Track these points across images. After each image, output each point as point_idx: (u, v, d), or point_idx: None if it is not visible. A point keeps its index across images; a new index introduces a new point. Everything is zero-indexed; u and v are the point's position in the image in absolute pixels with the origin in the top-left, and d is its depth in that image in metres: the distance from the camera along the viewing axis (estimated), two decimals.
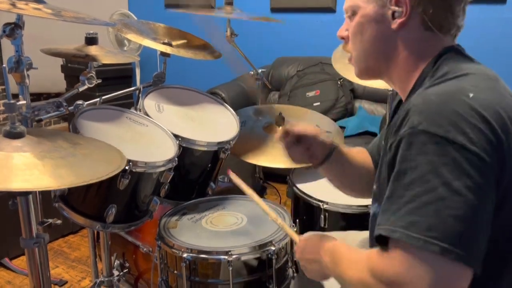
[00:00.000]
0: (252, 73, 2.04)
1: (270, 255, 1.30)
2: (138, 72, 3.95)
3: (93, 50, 1.61)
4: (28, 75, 1.27)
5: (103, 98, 1.62)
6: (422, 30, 0.88)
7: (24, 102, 1.24)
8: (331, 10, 3.44)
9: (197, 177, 1.63)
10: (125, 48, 3.81)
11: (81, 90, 1.53)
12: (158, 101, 1.66)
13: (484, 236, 0.75)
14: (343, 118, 3.12)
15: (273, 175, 2.48)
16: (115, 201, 1.36)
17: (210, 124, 1.68)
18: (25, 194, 1.10)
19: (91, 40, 1.63)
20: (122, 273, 1.71)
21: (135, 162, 1.31)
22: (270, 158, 1.77)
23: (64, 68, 3.84)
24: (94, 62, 1.58)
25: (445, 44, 0.90)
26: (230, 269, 1.25)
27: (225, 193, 1.70)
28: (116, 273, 1.71)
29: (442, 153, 0.73)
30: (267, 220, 1.42)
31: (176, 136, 1.49)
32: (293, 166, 1.80)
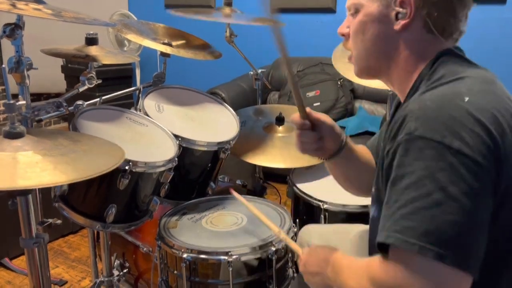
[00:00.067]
0: (252, 73, 2.05)
1: (270, 256, 1.30)
2: (138, 72, 3.95)
3: (93, 51, 1.61)
4: (28, 76, 1.27)
5: (103, 98, 1.63)
6: (424, 32, 0.88)
7: (23, 102, 1.24)
8: (331, 10, 3.44)
9: (197, 177, 1.63)
10: (125, 48, 3.81)
11: (81, 90, 1.54)
12: (158, 101, 1.66)
13: (481, 240, 0.75)
14: (343, 118, 3.12)
15: (273, 175, 2.48)
16: (115, 201, 1.36)
17: (210, 124, 1.68)
18: (25, 193, 1.10)
19: (91, 40, 1.63)
20: (122, 273, 1.71)
21: (135, 162, 1.31)
22: (270, 158, 1.77)
23: (64, 68, 3.84)
24: (94, 63, 1.58)
25: (444, 47, 0.89)
26: (230, 269, 1.25)
27: (225, 193, 1.70)
28: (116, 273, 1.71)
29: (438, 158, 0.73)
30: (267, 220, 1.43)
31: (176, 136, 1.49)
32: (293, 166, 1.80)
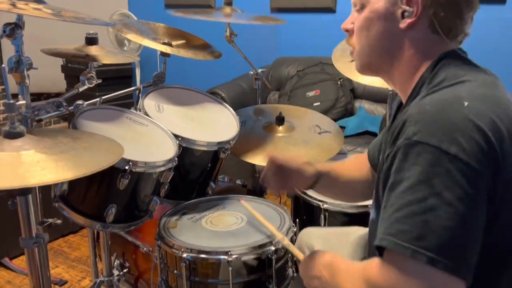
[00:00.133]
0: (252, 73, 2.04)
1: (270, 255, 1.29)
2: (138, 72, 3.95)
3: (93, 50, 1.61)
4: (28, 75, 1.27)
5: (103, 98, 1.63)
6: (429, 32, 0.88)
7: (23, 102, 1.24)
8: (331, 10, 3.43)
9: (197, 177, 1.63)
10: (125, 48, 3.81)
11: (81, 90, 1.54)
12: (158, 101, 1.66)
13: (474, 246, 0.75)
14: (343, 118, 3.11)
15: None
16: (115, 201, 1.36)
17: (210, 124, 1.68)
18: (25, 193, 1.10)
19: (91, 40, 1.63)
20: (122, 273, 1.72)
21: (135, 162, 1.31)
22: None
23: (64, 68, 3.84)
24: (94, 62, 1.58)
25: (448, 48, 0.89)
26: (230, 269, 1.25)
27: (225, 193, 1.70)
28: (116, 273, 1.71)
29: (435, 163, 0.74)
30: (267, 220, 1.42)
31: (176, 136, 1.49)
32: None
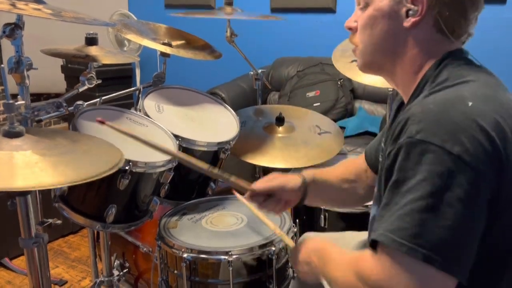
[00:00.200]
0: (252, 73, 2.04)
1: (270, 255, 1.29)
2: (138, 72, 3.95)
3: (93, 51, 1.61)
4: (28, 76, 1.27)
5: (103, 98, 1.63)
6: (434, 32, 0.88)
7: (23, 102, 1.24)
8: (331, 10, 3.43)
9: (197, 177, 1.63)
10: (125, 48, 3.81)
11: (81, 90, 1.54)
12: (158, 101, 1.66)
13: (472, 246, 0.76)
14: (343, 118, 3.11)
15: None
16: (115, 201, 1.36)
17: (210, 124, 1.68)
18: (24, 194, 1.10)
19: (91, 40, 1.63)
20: (122, 273, 1.71)
21: (135, 162, 1.31)
22: (270, 158, 1.77)
23: (64, 68, 3.84)
24: (94, 63, 1.58)
25: (452, 48, 0.89)
26: (230, 269, 1.24)
27: (225, 193, 1.70)
28: (116, 273, 1.71)
29: (438, 163, 0.74)
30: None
31: (176, 136, 1.49)
32: (293, 166, 1.80)
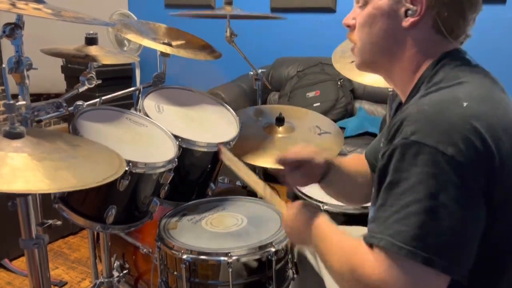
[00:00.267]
0: (252, 73, 2.04)
1: (270, 257, 1.29)
2: (138, 72, 3.95)
3: (93, 51, 1.61)
4: (28, 76, 1.26)
5: (103, 98, 1.62)
6: (433, 32, 0.88)
7: (23, 102, 1.24)
8: (331, 10, 3.43)
9: (197, 178, 1.63)
10: (125, 48, 3.81)
11: (81, 90, 1.53)
12: (158, 101, 1.65)
13: (471, 246, 0.76)
14: (343, 118, 3.11)
15: (273, 176, 2.48)
16: (115, 202, 1.36)
17: (210, 124, 1.68)
18: (24, 195, 1.10)
19: (91, 40, 1.63)
20: (122, 274, 1.71)
21: (135, 163, 1.31)
22: (270, 158, 1.76)
23: (64, 68, 3.84)
24: (94, 63, 1.58)
25: (450, 48, 0.89)
26: (230, 270, 1.24)
27: (225, 194, 1.70)
28: (116, 274, 1.71)
29: (432, 164, 0.74)
30: (267, 221, 1.42)
31: (176, 136, 1.49)
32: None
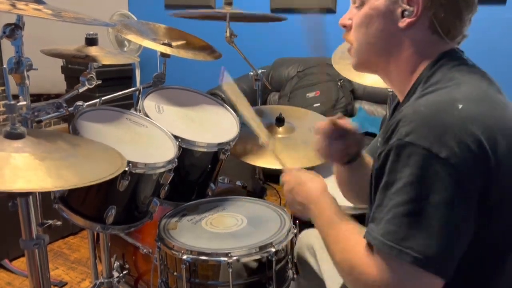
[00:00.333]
0: (252, 73, 2.04)
1: (270, 257, 1.29)
2: (138, 73, 3.95)
3: (93, 51, 1.61)
4: (28, 76, 1.26)
5: (103, 99, 1.62)
6: (429, 33, 0.88)
7: (24, 103, 1.24)
8: (331, 10, 3.44)
9: (197, 178, 1.63)
10: (125, 49, 3.81)
11: (81, 91, 1.53)
12: (158, 102, 1.66)
13: (459, 247, 0.76)
14: None
15: (273, 176, 2.47)
16: (115, 202, 1.36)
17: (210, 125, 1.68)
18: (25, 195, 1.10)
19: (91, 40, 1.63)
20: (122, 274, 1.71)
21: (135, 163, 1.31)
22: (270, 159, 1.76)
23: (64, 69, 3.84)
24: (94, 63, 1.58)
25: (447, 48, 0.89)
26: (230, 270, 1.24)
27: (225, 194, 1.70)
28: (116, 274, 1.71)
29: (425, 166, 0.74)
30: (267, 221, 1.42)
31: (176, 137, 1.49)
32: (293, 167, 1.79)
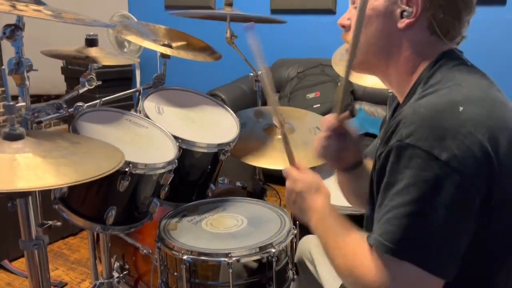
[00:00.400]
0: (252, 74, 2.04)
1: (270, 257, 1.29)
2: (138, 73, 3.95)
3: (93, 52, 1.61)
4: (28, 77, 1.27)
5: (103, 100, 1.62)
6: (428, 33, 0.88)
7: (23, 104, 1.24)
8: (331, 11, 3.44)
9: (197, 179, 1.63)
10: (125, 49, 3.82)
11: (81, 92, 1.54)
12: (158, 102, 1.66)
13: (459, 249, 0.77)
14: None
15: (273, 177, 2.47)
16: (115, 202, 1.36)
17: (210, 125, 1.68)
18: (24, 195, 1.10)
19: (91, 41, 1.63)
20: (122, 275, 1.71)
21: (135, 164, 1.31)
22: (270, 159, 1.76)
23: (64, 70, 3.84)
24: (94, 64, 1.58)
25: (446, 49, 0.89)
26: (230, 271, 1.24)
27: (225, 194, 1.70)
28: (116, 275, 1.71)
29: (425, 168, 0.74)
30: (267, 221, 1.42)
31: (176, 137, 1.49)
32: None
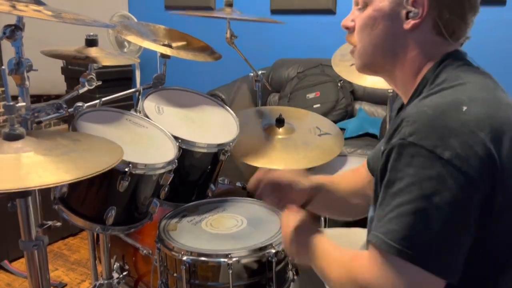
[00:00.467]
0: (252, 74, 2.04)
1: (270, 258, 1.29)
2: (138, 74, 3.95)
3: (93, 52, 1.61)
4: (28, 77, 1.26)
5: (103, 100, 1.62)
6: (434, 34, 0.88)
7: (23, 104, 1.24)
8: (331, 12, 3.44)
9: (197, 179, 1.63)
10: (125, 49, 3.81)
11: (81, 92, 1.54)
12: (158, 103, 1.66)
13: (461, 249, 0.76)
14: (343, 119, 3.11)
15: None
16: (115, 203, 1.35)
17: (210, 126, 1.68)
18: (24, 196, 1.10)
19: (91, 42, 1.63)
20: (121, 275, 1.71)
21: (135, 164, 1.31)
22: (270, 159, 1.76)
23: (64, 70, 3.84)
24: (94, 64, 1.58)
25: (451, 49, 0.89)
26: (230, 272, 1.24)
27: (225, 195, 1.70)
28: (115, 275, 1.71)
29: (428, 166, 0.74)
30: (267, 222, 1.42)
31: (176, 138, 1.49)
32: (293, 167, 1.79)
